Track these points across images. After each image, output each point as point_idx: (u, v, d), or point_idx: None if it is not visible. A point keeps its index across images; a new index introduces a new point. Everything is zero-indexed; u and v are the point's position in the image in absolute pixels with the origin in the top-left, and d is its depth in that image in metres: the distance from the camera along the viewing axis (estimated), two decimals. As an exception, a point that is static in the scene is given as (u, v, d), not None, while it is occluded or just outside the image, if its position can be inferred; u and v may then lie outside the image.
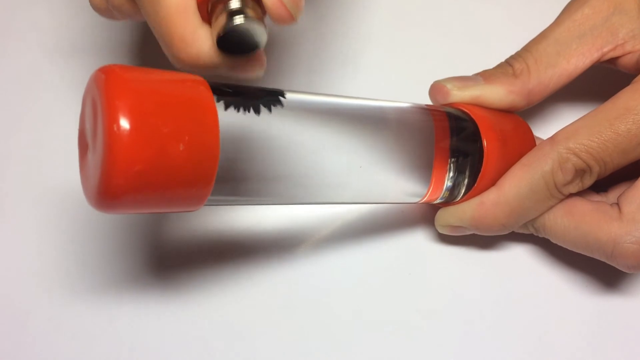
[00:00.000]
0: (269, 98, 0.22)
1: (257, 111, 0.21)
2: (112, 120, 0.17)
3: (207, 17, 0.21)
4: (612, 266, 0.26)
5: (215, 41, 0.21)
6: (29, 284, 0.28)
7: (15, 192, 0.30)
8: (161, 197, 0.18)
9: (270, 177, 0.22)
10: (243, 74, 0.23)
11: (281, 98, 0.22)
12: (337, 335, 0.28)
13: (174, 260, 0.29)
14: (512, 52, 0.28)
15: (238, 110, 0.20)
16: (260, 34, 0.21)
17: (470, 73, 0.28)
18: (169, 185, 0.18)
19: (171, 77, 0.19)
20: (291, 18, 0.22)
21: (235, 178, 0.20)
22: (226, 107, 0.20)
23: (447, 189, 0.26)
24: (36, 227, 0.30)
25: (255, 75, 0.23)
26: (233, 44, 0.21)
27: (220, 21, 0.21)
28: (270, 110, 0.21)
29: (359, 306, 0.28)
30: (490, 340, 0.28)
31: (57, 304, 0.28)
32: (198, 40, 0.21)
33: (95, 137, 0.18)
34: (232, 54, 0.22)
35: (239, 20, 0.20)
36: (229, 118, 0.20)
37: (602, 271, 0.29)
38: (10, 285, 0.28)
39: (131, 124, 0.17)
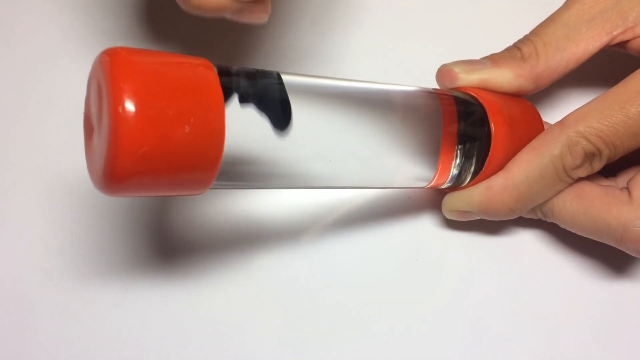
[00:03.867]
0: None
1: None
2: (117, 103, 0.17)
3: None
4: (621, 251, 0.26)
5: None
6: (33, 270, 0.29)
7: (20, 177, 0.30)
8: (166, 179, 0.18)
9: (276, 162, 0.21)
10: (248, 19, 0.23)
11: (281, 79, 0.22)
12: (344, 321, 0.28)
13: (179, 246, 0.29)
14: (521, 36, 0.28)
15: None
16: None
17: (478, 57, 0.28)
18: (175, 167, 0.18)
19: (176, 59, 0.19)
20: None
21: (240, 161, 0.20)
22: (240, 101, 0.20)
23: (454, 174, 0.26)
24: (40, 212, 0.30)
25: (260, 20, 0.23)
26: None
27: None
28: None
29: (366, 292, 0.28)
30: (498, 326, 0.28)
31: (62, 290, 0.28)
32: None
33: (100, 120, 0.18)
34: None
35: None
36: (235, 100, 0.20)
37: (611, 256, 0.28)
38: (15, 272, 0.29)
39: (136, 106, 0.17)
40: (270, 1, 0.23)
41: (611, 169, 0.28)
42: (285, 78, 0.22)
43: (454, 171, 0.26)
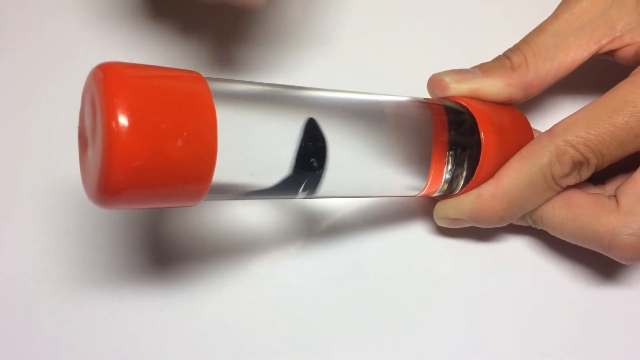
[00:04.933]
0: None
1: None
2: (111, 117, 0.17)
3: None
4: (609, 258, 0.26)
5: None
6: (29, 279, 0.29)
7: (15, 188, 0.31)
8: (161, 192, 0.18)
9: (269, 172, 0.22)
10: (246, 2, 0.25)
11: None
12: (337, 328, 0.28)
13: (174, 255, 0.29)
14: (510, 45, 0.28)
15: None
16: None
17: (468, 66, 0.28)
18: (168, 180, 0.18)
19: (169, 73, 0.19)
20: None
21: (233, 174, 0.21)
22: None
23: (445, 182, 0.27)
24: (36, 222, 0.30)
25: (258, 3, 0.25)
26: None
27: None
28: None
29: (359, 299, 0.29)
30: (489, 333, 0.28)
31: (58, 298, 0.28)
32: None
33: (94, 134, 0.18)
34: None
35: None
36: (227, 113, 0.20)
37: (599, 263, 0.29)
38: (11, 281, 0.29)
39: (130, 120, 0.17)
40: None
41: (600, 177, 0.28)
42: (276, 90, 0.22)
43: (445, 180, 0.26)
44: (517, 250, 0.30)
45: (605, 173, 0.27)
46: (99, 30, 0.35)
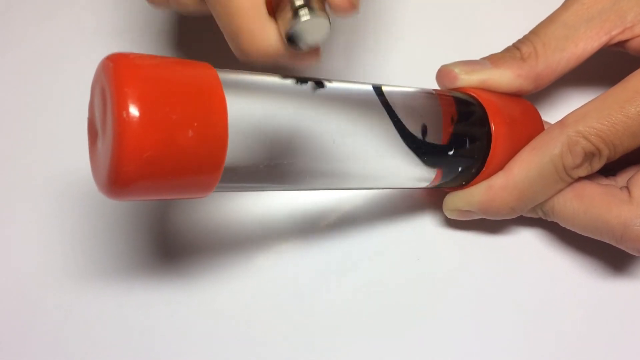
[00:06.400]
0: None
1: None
2: (122, 108, 0.17)
3: (272, 11, 0.23)
4: (621, 249, 0.26)
5: (283, 36, 0.22)
6: (37, 272, 0.29)
7: (24, 180, 0.31)
8: (171, 183, 0.18)
9: (279, 164, 0.22)
10: (301, 63, 0.24)
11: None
12: (345, 321, 0.28)
13: (182, 247, 0.29)
14: (519, 37, 0.28)
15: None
16: (324, 27, 0.22)
17: (477, 57, 0.28)
18: (179, 171, 0.18)
19: (179, 63, 0.19)
20: (353, 8, 0.23)
21: (244, 164, 0.21)
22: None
23: (455, 174, 0.26)
24: (44, 214, 0.30)
25: (312, 64, 0.24)
26: (298, 37, 0.22)
27: (287, 17, 0.22)
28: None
29: (367, 291, 0.28)
30: (499, 325, 0.28)
31: (65, 291, 0.28)
32: (266, 34, 0.22)
33: (104, 125, 0.18)
34: (296, 45, 0.22)
35: (304, 17, 0.21)
36: (238, 104, 0.20)
37: (611, 254, 0.29)
38: (19, 274, 0.29)
39: (140, 111, 0.17)
40: (320, 49, 0.24)
41: (611, 168, 0.28)
42: (283, 82, 0.22)
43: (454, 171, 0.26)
44: (527, 242, 0.30)
45: (616, 164, 0.27)
46: (107, 21, 0.34)
